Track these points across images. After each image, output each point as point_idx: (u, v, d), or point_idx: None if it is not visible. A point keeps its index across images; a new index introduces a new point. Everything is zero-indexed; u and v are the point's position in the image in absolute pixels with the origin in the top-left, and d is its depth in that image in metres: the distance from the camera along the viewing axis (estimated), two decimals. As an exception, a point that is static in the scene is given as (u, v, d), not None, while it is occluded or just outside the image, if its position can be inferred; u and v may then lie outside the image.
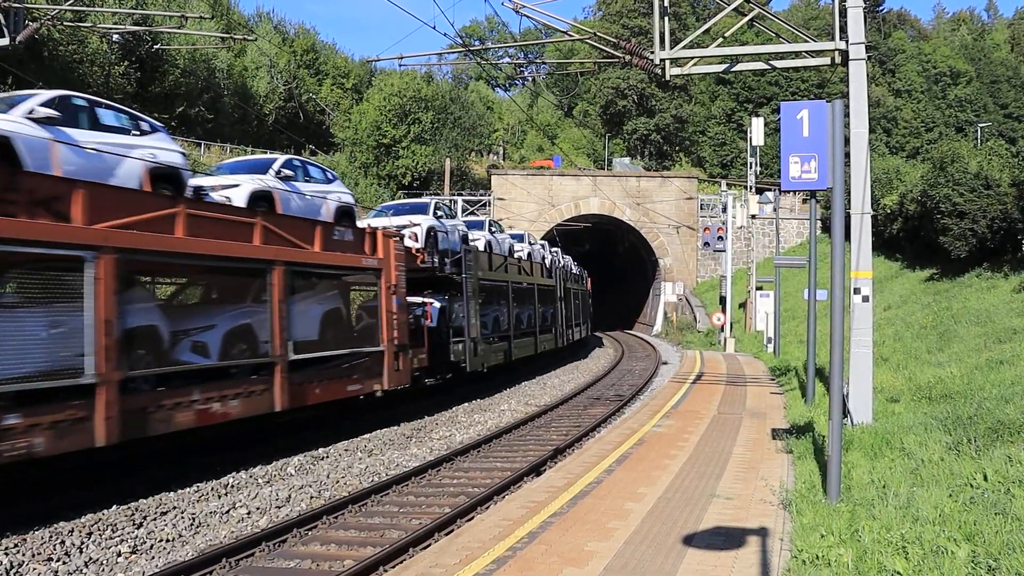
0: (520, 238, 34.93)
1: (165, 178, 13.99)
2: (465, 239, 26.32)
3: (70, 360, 11.13)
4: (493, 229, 30.92)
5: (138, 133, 13.97)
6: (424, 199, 28.48)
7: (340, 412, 19.23)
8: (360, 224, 20.42)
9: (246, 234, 15.05)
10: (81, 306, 11.34)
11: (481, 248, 27.84)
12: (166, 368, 13.40)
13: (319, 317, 17.49)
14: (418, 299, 23.11)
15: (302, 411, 17.11)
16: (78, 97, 13.33)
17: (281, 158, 18.34)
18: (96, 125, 13.17)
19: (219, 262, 14.61)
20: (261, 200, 16.18)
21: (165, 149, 14.39)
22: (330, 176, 19.73)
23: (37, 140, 11.70)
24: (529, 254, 34.02)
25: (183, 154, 15.05)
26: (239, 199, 15.77)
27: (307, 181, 18.18)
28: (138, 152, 13.60)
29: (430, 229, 23.56)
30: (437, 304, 23.53)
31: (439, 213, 25.04)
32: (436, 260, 23.17)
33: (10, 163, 11.23)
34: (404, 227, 22.54)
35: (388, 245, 19.62)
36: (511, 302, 29.22)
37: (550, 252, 39.65)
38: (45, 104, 12.19)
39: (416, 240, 22.54)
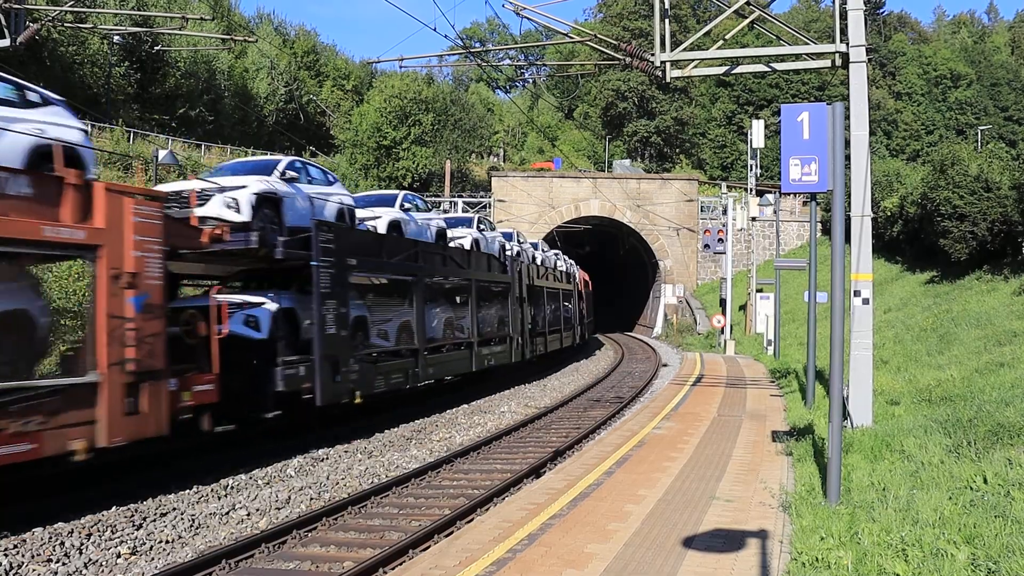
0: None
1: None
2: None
3: None
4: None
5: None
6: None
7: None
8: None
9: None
10: None
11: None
12: None
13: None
14: (247, 297, 16.51)
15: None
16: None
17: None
18: (310, 179, 13.00)
19: None
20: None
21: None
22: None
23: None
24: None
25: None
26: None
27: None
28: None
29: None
30: (270, 306, 16.31)
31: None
32: (264, 239, 15.65)
33: None
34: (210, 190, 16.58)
35: (121, 208, 12.32)
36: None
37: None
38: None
39: (238, 211, 15.44)
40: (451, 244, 25.30)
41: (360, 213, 20.51)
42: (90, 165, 12.77)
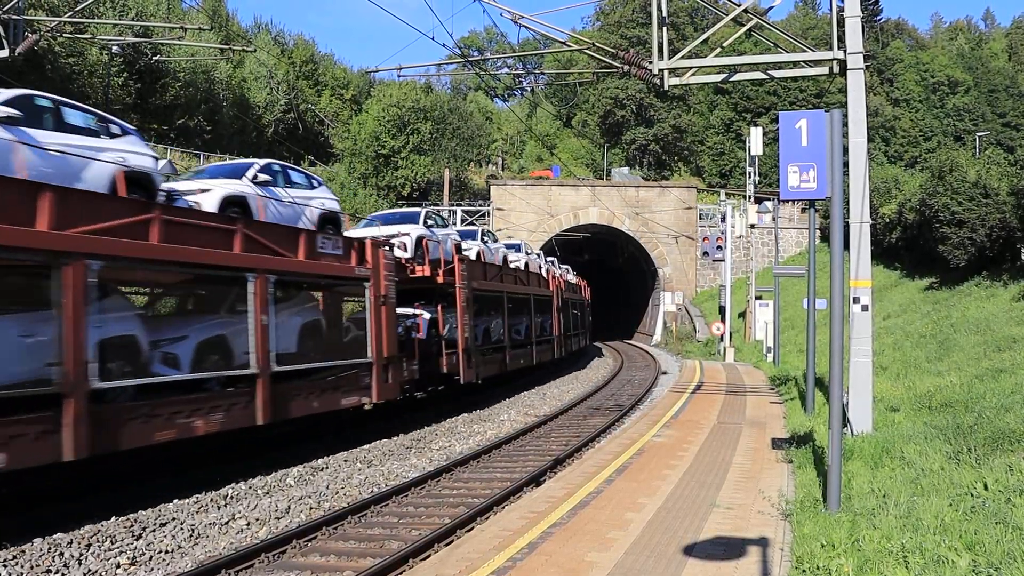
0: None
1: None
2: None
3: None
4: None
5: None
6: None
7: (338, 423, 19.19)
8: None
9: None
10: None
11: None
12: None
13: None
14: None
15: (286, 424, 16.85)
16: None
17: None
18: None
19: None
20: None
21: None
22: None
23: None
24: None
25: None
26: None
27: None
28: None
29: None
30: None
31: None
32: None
33: None
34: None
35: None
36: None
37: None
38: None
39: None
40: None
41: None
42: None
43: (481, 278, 26.17)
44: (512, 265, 32.11)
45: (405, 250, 22.02)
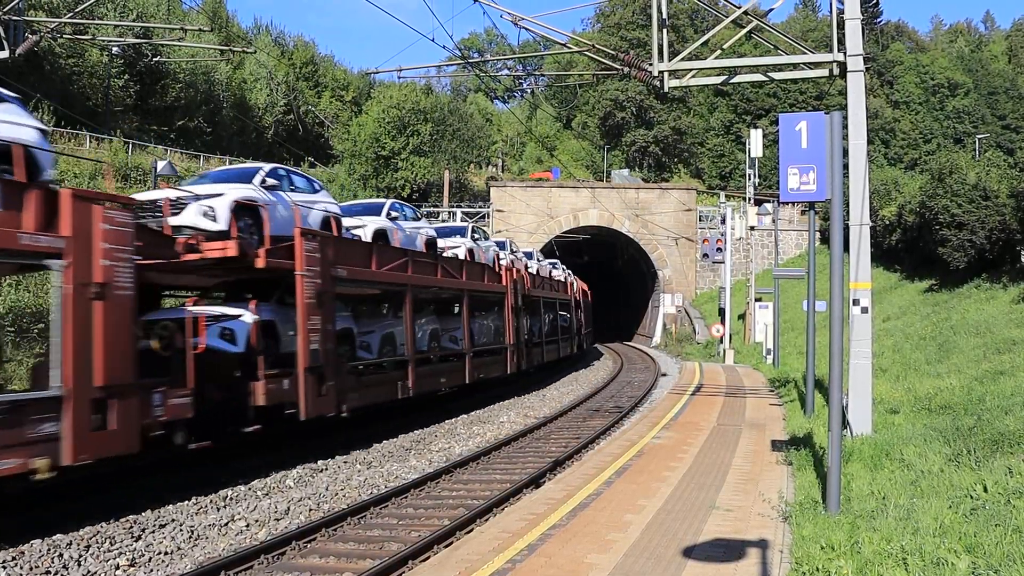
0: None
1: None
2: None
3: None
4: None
5: (312, 191, 15.02)
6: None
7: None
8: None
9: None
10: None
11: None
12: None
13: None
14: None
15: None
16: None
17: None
18: (293, 187, 13.99)
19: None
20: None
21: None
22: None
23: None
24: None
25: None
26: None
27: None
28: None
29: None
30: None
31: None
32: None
33: None
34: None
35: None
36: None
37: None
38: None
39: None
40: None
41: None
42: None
43: (354, 263, 18.67)
44: (449, 253, 25.79)
45: (215, 220, 15.15)
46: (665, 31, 17.10)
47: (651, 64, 16.88)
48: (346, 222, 20.02)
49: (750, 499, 10.87)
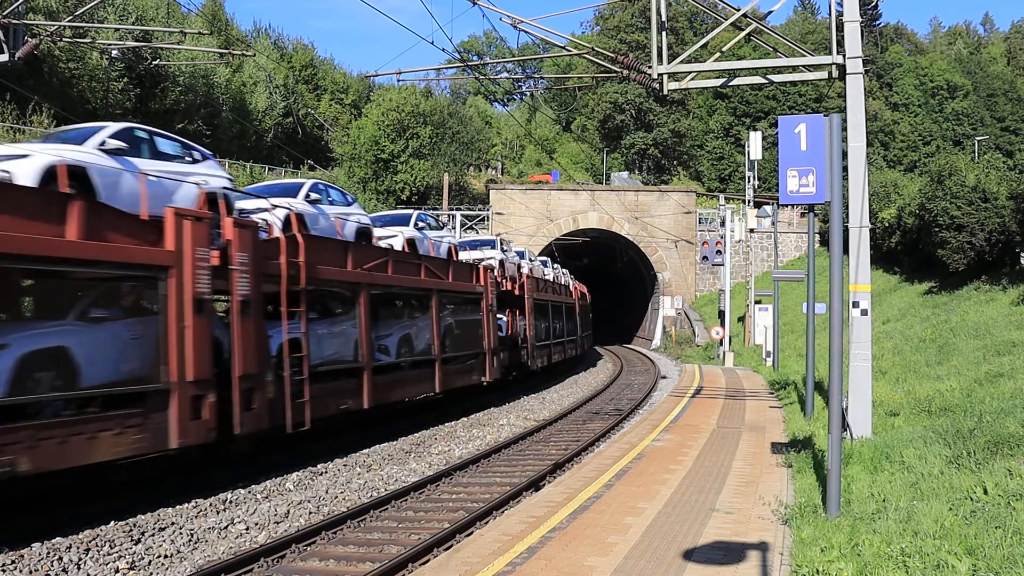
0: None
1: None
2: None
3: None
4: (421, 224, 25.11)
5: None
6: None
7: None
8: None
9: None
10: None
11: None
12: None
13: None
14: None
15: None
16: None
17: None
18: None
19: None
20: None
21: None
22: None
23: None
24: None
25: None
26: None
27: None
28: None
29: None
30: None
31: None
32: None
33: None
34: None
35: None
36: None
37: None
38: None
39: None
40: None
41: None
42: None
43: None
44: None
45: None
46: (664, 34, 17.09)
47: (650, 67, 16.88)
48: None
49: (750, 502, 10.87)
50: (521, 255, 35.33)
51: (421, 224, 24.18)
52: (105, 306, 12.93)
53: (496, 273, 27.05)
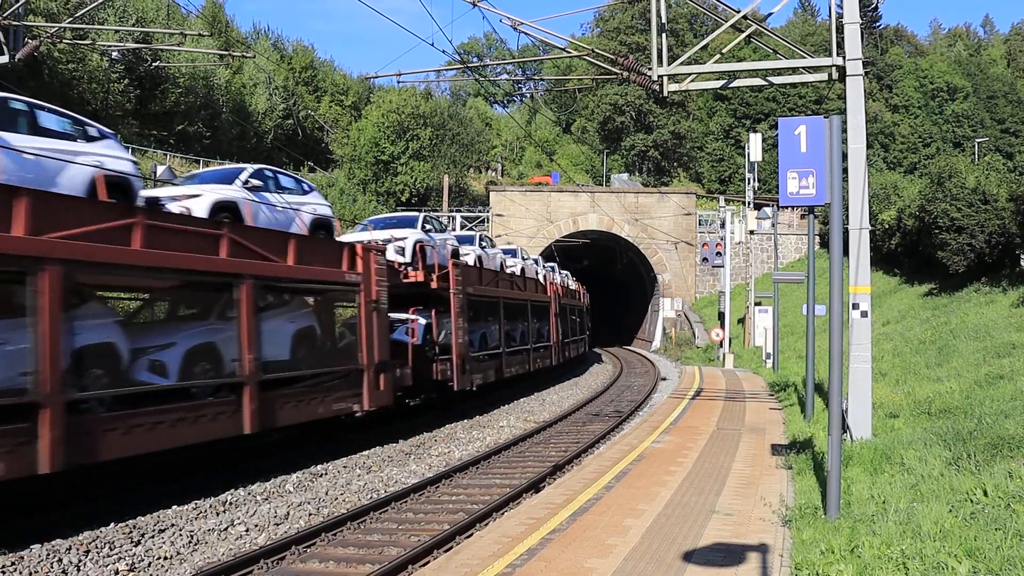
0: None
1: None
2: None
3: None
4: (484, 244, 29.71)
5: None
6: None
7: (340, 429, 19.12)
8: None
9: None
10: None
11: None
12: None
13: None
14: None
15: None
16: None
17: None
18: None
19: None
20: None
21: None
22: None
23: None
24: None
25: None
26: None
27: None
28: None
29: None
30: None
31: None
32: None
33: None
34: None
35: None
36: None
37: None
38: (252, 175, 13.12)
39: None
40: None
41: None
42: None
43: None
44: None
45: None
46: (664, 35, 17.09)
47: (650, 68, 16.88)
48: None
49: (750, 503, 10.87)
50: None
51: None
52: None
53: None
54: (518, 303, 31.65)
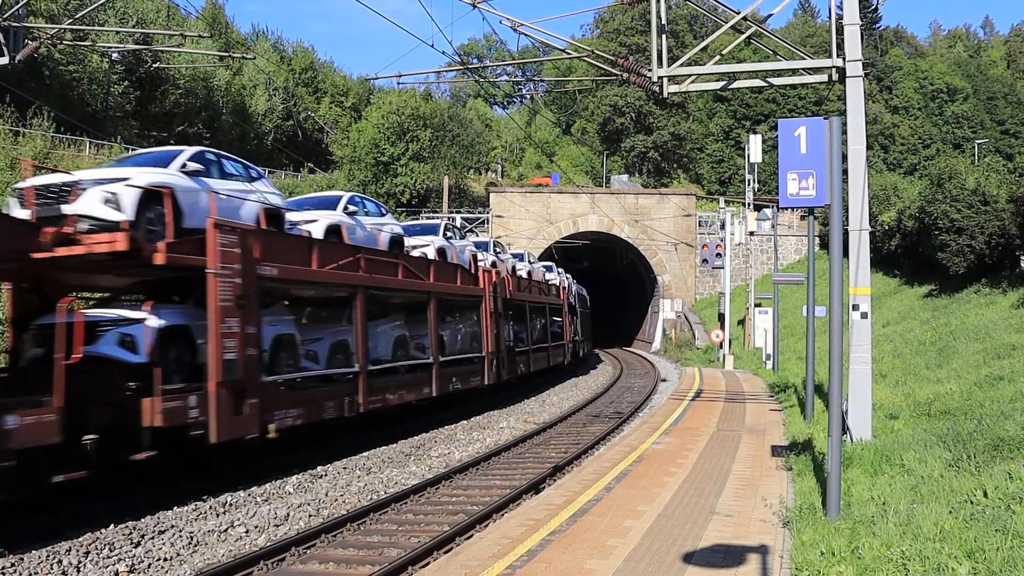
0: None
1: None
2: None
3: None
4: (498, 250, 28.92)
5: (249, 180, 16.30)
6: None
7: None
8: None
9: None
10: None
11: (431, 256, 23.75)
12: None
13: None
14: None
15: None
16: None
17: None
18: (224, 174, 15.59)
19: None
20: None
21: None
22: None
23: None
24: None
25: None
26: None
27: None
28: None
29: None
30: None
31: (448, 234, 25.49)
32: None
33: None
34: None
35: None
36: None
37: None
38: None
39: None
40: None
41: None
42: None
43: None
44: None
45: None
46: (664, 37, 17.09)
47: (650, 70, 16.88)
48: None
49: (750, 504, 10.87)
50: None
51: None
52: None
53: None
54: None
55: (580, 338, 42.70)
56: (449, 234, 25.46)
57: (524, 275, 32.82)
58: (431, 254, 23.74)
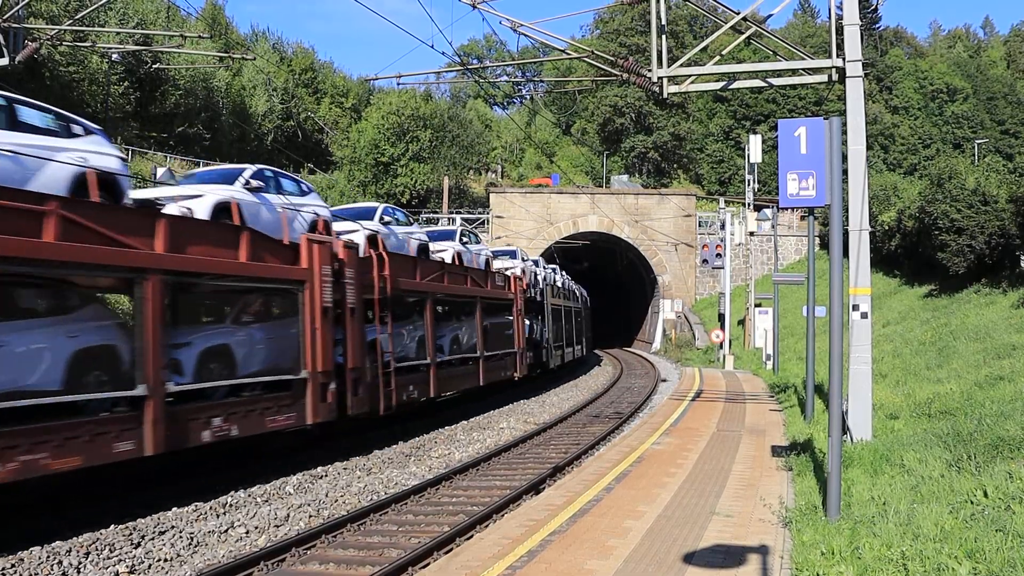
0: (513, 254, 33.75)
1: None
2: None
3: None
4: (464, 240, 27.49)
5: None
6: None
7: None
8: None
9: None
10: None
11: (448, 261, 24.60)
12: None
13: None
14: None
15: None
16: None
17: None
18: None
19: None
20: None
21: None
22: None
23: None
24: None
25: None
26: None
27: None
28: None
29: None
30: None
31: (464, 240, 26.61)
32: None
33: None
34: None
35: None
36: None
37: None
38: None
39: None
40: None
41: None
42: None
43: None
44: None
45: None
46: (664, 37, 17.09)
47: (650, 70, 16.88)
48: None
49: (750, 505, 10.87)
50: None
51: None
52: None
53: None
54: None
55: (554, 343, 36.75)
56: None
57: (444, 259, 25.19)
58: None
